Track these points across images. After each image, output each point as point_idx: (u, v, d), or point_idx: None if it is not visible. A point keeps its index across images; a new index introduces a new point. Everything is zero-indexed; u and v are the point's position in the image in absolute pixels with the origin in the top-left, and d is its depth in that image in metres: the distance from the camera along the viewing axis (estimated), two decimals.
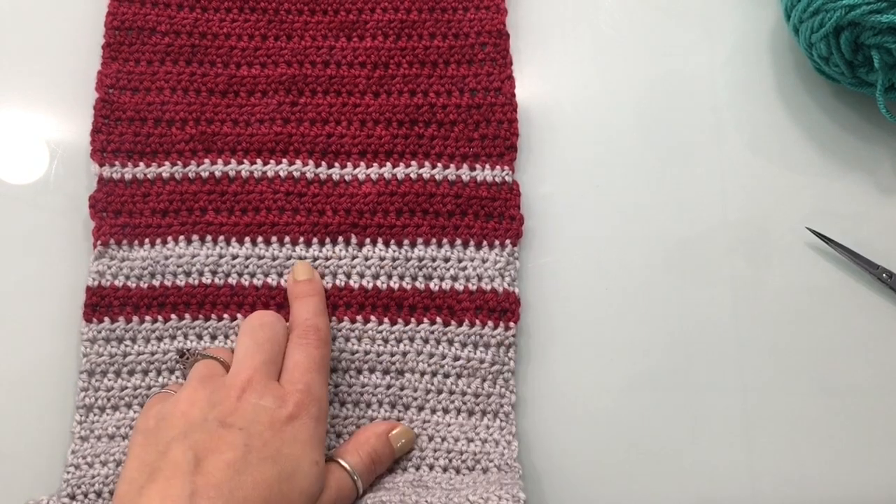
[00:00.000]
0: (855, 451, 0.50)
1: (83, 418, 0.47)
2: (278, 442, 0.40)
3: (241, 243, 0.50)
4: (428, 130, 0.53)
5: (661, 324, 0.51)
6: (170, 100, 0.52)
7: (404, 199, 0.51)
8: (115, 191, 0.50)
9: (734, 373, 0.51)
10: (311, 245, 0.51)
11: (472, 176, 0.52)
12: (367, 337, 0.49)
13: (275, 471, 0.39)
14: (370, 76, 0.53)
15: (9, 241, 0.51)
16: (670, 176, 0.54)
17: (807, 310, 0.52)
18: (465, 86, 0.53)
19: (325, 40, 0.54)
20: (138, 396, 0.48)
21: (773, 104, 0.56)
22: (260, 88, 0.53)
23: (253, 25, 0.54)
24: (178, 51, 0.53)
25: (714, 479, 0.49)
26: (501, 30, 0.55)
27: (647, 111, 0.56)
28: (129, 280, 0.49)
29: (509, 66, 0.54)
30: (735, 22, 0.58)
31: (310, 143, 0.52)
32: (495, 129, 0.53)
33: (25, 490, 0.46)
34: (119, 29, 0.53)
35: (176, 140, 0.52)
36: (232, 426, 0.40)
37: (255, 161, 0.52)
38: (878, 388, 0.51)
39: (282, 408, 0.41)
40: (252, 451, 0.39)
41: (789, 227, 0.53)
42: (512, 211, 0.51)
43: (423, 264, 0.50)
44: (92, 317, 0.48)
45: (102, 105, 0.52)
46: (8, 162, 0.53)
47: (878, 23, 0.48)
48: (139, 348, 0.48)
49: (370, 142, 0.52)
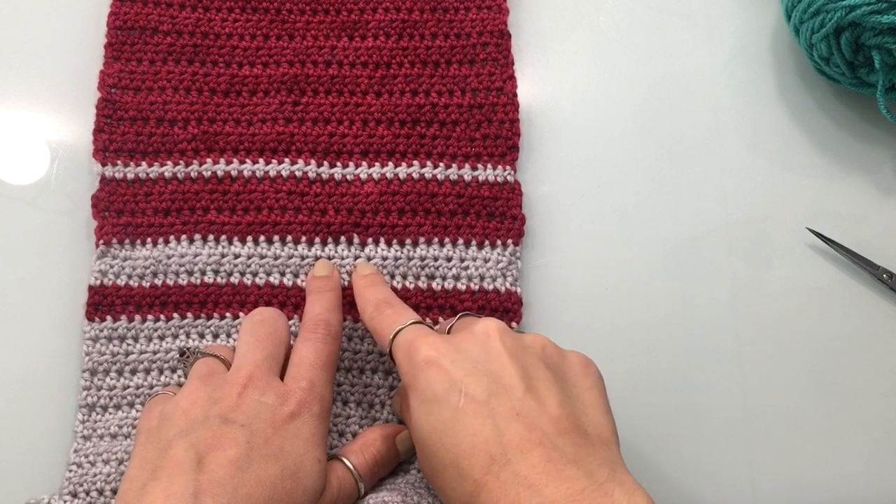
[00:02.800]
0: (855, 451, 0.50)
1: (85, 417, 0.47)
2: (280, 439, 0.40)
3: (242, 242, 0.50)
4: (430, 130, 0.53)
5: (661, 324, 0.51)
6: (172, 99, 0.52)
7: (406, 199, 0.51)
8: (117, 190, 0.51)
9: (734, 373, 0.51)
10: (314, 245, 0.51)
11: (474, 176, 0.52)
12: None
13: (277, 468, 0.39)
14: (372, 76, 0.54)
15: (10, 242, 0.51)
16: (671, 176, 0.54)
17: (807, 310, 0.52)
18: (467, 86, 0.53)
19: (326, 40, 0.54)
20: (140, 395, 0.48)
21: (774, 105, 0.56)
22: (262, 88, 0.53)
23: (255, 25, 0.54)
24: (181, 50, 0.53)
25: (714, 479, 0.49)
26: (503, 30, 0.55)
27: (647, 111, 0.56)
28: (132, 279, 0.49)
29: (511, 66, 0.54)
30: (736, 23, 0.58)
31: (312, 142, 0.52)
32: (497, 128, 0.53)
33: (27, 488, 0.46)
34: (121, 28, 0.53)
35: (178, 140, 0.52)
36: (234, 422, 0.40)
37: (256, 161, 0.52)
38: (878, 388, 0.51)
39: (283, 405, 0.41)
40: (254, 448, 0.39)
41: (790, 228, 0.54)
42: (514, 210, 0.51)
43: (424, 264, 0.50)
44: (94, 316, 0.48)
45: (105, 104, 0.52)
46: (9, 162, 0.53)
47: (878, 23, 0.48)
48: (141, 347, 0.48)
49: (372, 141, 0.52)
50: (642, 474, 0.48)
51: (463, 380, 0.39)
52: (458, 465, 0.37)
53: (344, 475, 0.43)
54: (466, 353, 0.40)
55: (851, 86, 0.54)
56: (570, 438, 0.37)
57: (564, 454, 0.36)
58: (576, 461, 0.36)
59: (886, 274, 0.52)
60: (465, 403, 0.38)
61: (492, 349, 0.40)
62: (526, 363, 0.40)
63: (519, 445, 0.36)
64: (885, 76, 0.51)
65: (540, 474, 0.35)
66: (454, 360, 0.40)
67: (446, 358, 0.40)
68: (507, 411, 0.37)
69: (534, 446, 0.36)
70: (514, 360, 0.39)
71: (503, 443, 0.37)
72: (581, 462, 0.36)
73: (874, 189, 0.55)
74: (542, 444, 0.36)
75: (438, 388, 0.39)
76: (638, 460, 0.49)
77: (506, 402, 0.38)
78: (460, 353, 0.40)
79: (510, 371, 0.39)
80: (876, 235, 0.53)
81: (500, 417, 0.37)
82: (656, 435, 0.49)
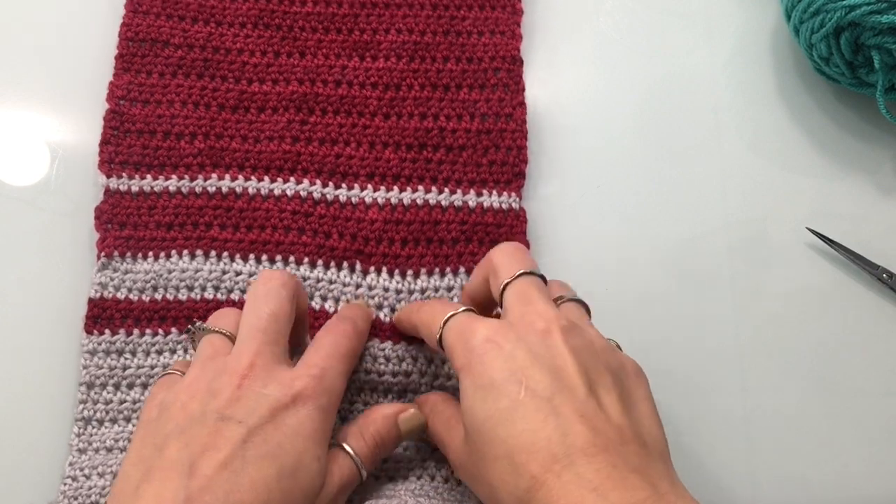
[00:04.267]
0: (855, 451, 0.50)
1: (81, 430, 0.47)
2: (279, 436, 0.38)
3: (244, 260, 0.50)
4: (436, 155, 0.53)
5: (661, 324, 0.51)
6: (180, 113, 0.52)
7: (410, 228, 0.51)
8: (120, 202, 0.50)
9: (734, 373, 0.51)
10: (316, 266, 0.50)
11: (479, 202, 0.52)
12: (368, 354, 0.49)
13: (274, 468, 0.37)
14: (381, 97, 0.53)
15: (10, 242, 0.51)
16: (671, 176, 0.55)
17: (807, 310, 0.52)
18: (476, 110, 0.53)
19: (338, 59, 0.54)
20: (137, 410, 0.47)
21: (774, 105, 0.57)
22: (270, 105, 0.53)
23: (266, 41, 0.54)
24: (191, 64, 0.53)
25: (714, 479, 0.49)
26: (515, 55, 0.55)
27: (647, 111, 0.56)
28: (132, 293, 0.49)
29: (521, 92, 0.54)
30: (736, 22, 0.59)
31: (318, 162, 0.52)
32: (504, 155, 0.53)
33: (23, 501, 0.46)
34: (133, 40, 0.53)
35: (184, 154, 0.52)
36: (230, 419, 0.38)
37: (262, 178, 0.51)
38: (878, 388, 0.51)
39: (287, 396, 0.39)
40: (250, 448, 0.37)
41: (790, 228, 0.54)
42: (518, 238, 0.51)
43: (426, 296, 0.50)
44: (93, 328, 0.48)
45: (112, 116, 0.52)
46: (9, 162, 0.53)
47: (878, 23, 0.49)
48: (139, 361, 0.48)
49: (378, 164, 0.52)
50: None
51: (524, 370, 0.38)
52: (513, 458, 0.36)
53: (344, 462, 0.41)
54: (528, 343, 0.39)
55: (851, 86, 0.54)
56: (632, 448, 0.37)
57: (628, 462, 0.36)
58: (639, 471, 0.36)
59: (886, 274, 0.52)
60: (525, 396, 0.37)
61: (554, 345, 0.39)
62: (588, 365, 0.39)
63: (584, 448, 0.36)
64: (884, 76, 0.51)
65: (605, 479, 0.35)
66: (515, 347, 0.38)
67: (507, 341, 0.38)
68: (572, 412, 0.37)
69: (599, 451, 0.36)
70: (576, 359, 0.38)
71: (567, 443, 0.36)
72: (644, 472, 0.36)
73: (874, 189, 0.55)
74: (607, 450, 0.36)
75: (497, 375, 0.38)
76: None
77: (570, 402, 0.37)
78: (521, 341, 0.39)
79: (573, 371, 0.38)
80: (876, 235, 0.53)
81: (564, 417, 0.36)
82: None
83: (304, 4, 0.55)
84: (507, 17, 0.56)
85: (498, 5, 0.56)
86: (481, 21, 0.55)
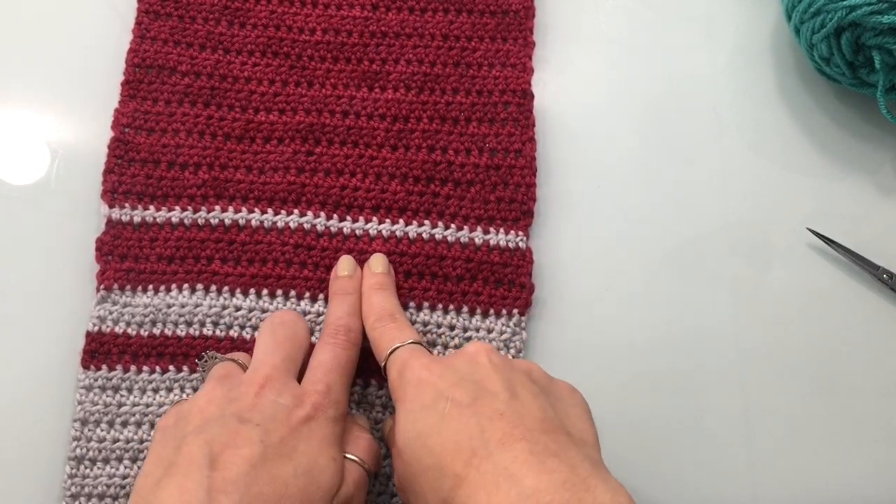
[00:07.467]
0: (855, 451, 0.49)
1: (74, 471, 0.46)
2: (294, 440, 0.40)
3: (245, 295, 0.50)
4: (444, 189, 0.52)
5: (661, 324, 0.51)
6: (185, 143, 0.52)
7: (414, 261, 0.50)
8: (122, 234, 0.50)
9: (734, 373, 0.51)
10: (317, 301, 0.50)
11: (486, 239, 0.51)
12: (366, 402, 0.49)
13: (290, 466, 0.39)
14: (389, 129, 0.53)
15: (10, 242, 0.51)
16: (671, 176, 0.54)
17: (807, 310, 0.52)
18: (485, 145, 0.52)
19: (346, 89, 0.53)
20: (130, 450, 0.47)
21: (774, 105, 0.57)
22: (276, 135, 0.52)
23: (274, 70, 0.53)
24: (198, 92, 0.53)
25: (714, 479, 0.49)
26: (526, 89, 0.54)
27: (648, 112, 0.56)
28: (130, 327, 0.49)
29: (532, 127, 0.53)
30: (736, 23, 0.59)
31: (322, 194, 0.51)
32: (512, 192, 0.52)
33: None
34: (140, 66, 0.53)
35: (188, 184, 0.51)
36: (249, 421, 0.40)
37: (265, 210, 0.51)
38: (878, 388, 0.51)
39: (299, 408, 0.41)
40: (268, 448, 0.39)
41: (790, 228, 0.54)
42: (522, 279, 0.50)
43: (427, 329, 0.49)
44: (90, 364, 0.48)
45: (117, 144, 0.51)
46: (9, 162, 0.53)
47: (878, 24, 0.49)
48: (134, 399, 0.48)
49: (384, 196, 0.51)
50: (642, 474, 0.48)
51: (450, 389, 0.40)
52: (441, 464, 0.38)
53: (351, 467, 0.43)
54: (455, 368, 0.41)
55: (851, 86, 0.54)
56: (553, 436, 0.38)
57: (547, 448, 0.37)
58: (558, 455, 0.37)
59: (886, 274, 0.52)
60: (451, 408, 0.39)
61: (479, 363, 0.41)
62: (511, 377, 0.41)
63: (501, 439, 0.37)
64: (885, 76, 0.51)
65: (521, 465, 0.36)
66: (443, 375, 0.41)
67: (436, 375, 0.41)
68: (492, 412, 0.38)
69: (516, 440, 0.37)
70: (499, 373, 0.41)
71: (485, 437, 0.37)
72: (563, 456, 0.37)
73: (874, 189, 0.55)
74: (524, 439, 0.37)
75: (427, 399, 0.40)
76: (638, 460, 0.49)
77: (490, 404, 0.39)
78: (449, 369, 0.41)
79: (495, 380, 0.40)
80: (876, 235, 0.53)
81: (484, 416, 0.38)
82: (656, 434, 0.49)
83: (312, 33, 0.54)
84: (519, 49, 0.54)
85: (510, 37, 0.55)
86: (492, 53, 0.54)
